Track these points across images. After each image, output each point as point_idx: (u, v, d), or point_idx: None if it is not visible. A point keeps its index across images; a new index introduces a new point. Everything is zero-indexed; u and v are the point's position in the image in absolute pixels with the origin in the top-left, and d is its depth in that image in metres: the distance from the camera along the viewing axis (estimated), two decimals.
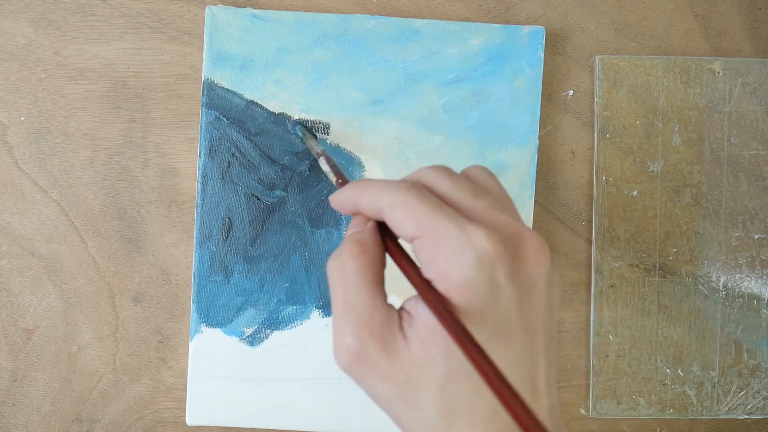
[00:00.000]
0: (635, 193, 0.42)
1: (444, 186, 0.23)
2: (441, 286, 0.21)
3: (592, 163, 0.42)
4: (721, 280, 0.42)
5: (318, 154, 0.35)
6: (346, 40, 0.40)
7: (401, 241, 0.24)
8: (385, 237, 0.24)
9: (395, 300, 0.41)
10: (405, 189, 0.22)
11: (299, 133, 0.39)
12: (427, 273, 0.22)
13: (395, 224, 0.22)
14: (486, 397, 0.21)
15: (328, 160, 0.33)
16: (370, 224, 0.24)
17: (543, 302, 0.22)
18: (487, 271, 0.21)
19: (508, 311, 0.21)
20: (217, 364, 0.40)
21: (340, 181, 0.31)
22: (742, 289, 0.42)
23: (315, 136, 0.39)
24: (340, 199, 0.25)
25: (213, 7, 0.39)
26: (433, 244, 0.21)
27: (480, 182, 0.25)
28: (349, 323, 0.22)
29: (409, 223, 0.22)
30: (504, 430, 0.21)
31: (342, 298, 0.22)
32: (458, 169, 0.40)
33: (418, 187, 0.23)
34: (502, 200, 0.24)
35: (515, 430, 0.21)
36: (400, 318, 0.22)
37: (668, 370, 0.42)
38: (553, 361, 0.23)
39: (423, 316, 0.21)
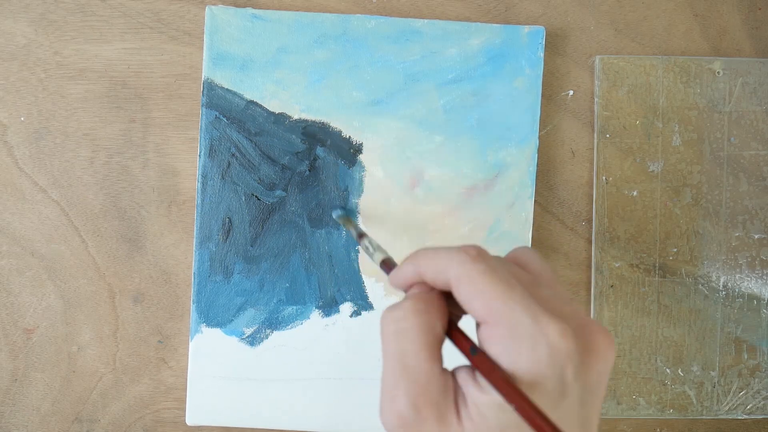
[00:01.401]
0: (635, 193, 0.42)
1: (512, 270, 0.22)
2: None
3: (592, 163, 0.42)
4: (721, 280, 0.42)
5: (360, 236, 0.34)
6: (346, 40, 0.40)
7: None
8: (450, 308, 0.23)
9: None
10: (471, 261, 0.21)
11: (339, 220, 0.39)
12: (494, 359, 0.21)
13: (463, 300, 0.21)
14: None
15: (371, 242, 0.32)
16: (436, 291, 0.23)
17: (602, 396, 0.22)
18: (558, 369, 0.20)
19: (570, 409, 0.20)
20: (217, 364, 0.40)
21: (384, 260, 0.29)
22: (742, 289, 0.42)
23: (354, 221, 0.39)
24: (402, 276, 0.24)
25: (213, 7, 0.39)
26: (504, 335, 0.20)
27: (530, 267, 0.24)
28: (403, 386, 0.21)
29: (478, 303, 0.21)
30: None
31: (397, 356, 0.21)
32: (458, 169, 0.40)
33: (485, 258, 0.21)
34: (555, 286, 0.23)
35: None
36: (455, 389, 0.21)
37: (668, 370, 0.42)
38: None
39: (477, 402, 0.20)
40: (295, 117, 0.40)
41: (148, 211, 0.41)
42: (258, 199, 0.40)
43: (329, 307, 0.40)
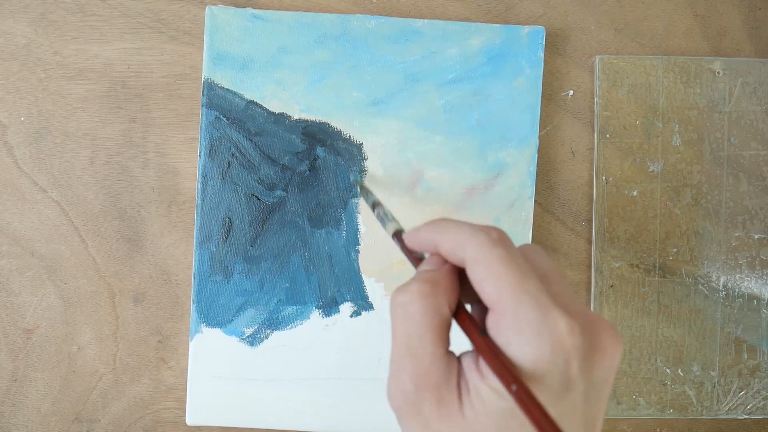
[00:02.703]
0: (635, 193, 0.42)
1: (525, 257, 0.22)
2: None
3: (592, 163, 0.42)
4: (721, 280, 0.42)
5: (375, 204, 0.34)
6: (346, 40, 0.40)
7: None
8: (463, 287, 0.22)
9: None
10: (491, 244, 0.21)
11: (357, 187, 0.39)
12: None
13: (476, 281, 0.21)
14: None
15: (386, 211, 0.32)
16: (448, 266, 0.23)
17: (607, 394, 0.22)
18: (562, 365, 0.20)
19: (573, 405, 0.20)
20: (217, 364, 0.40)
21: (396, 232, 0.29)
22: (742, 289, 0.42)
23: (369, 190, 0.39)
24: (418, 239, 0.24)
25: (213, 7, 0.39)
26: (512, 326, 0.20)
27: (537, 263, 0.23)
28: (408, 367, 0.21)
29: (491, 288, 0.20)
30: None
31: (403, 338, 0.21)
32: (458, 169, 0.40)
33: (505, 243, 0.21)
34: (563, 283, 0.23)
35: None
36: (458, 374, 0.21)
37: (668, 370, 0.42)
38: None
39: (478, 387, 0.20)
40: (295, 117, 0.40)
41: (148, 211, 0.41)
42: (258, 199, 0.40)
43: (329, 307, 0.40)
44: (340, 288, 0.40)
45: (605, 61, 0.42)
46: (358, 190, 0.40)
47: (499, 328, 0.21)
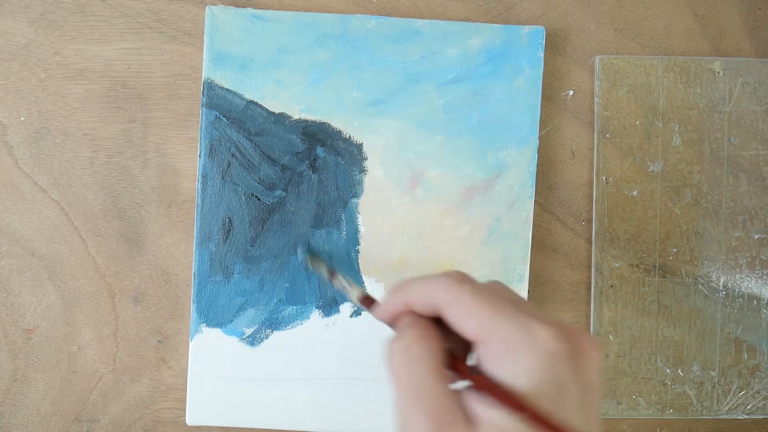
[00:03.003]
0: (635, 193, 0.42)
1: (489, 286, 0.23)
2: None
3: (592, 163, 0.42)
4: (721, 280, 0.42)
5: (331, 275, 0.35)
6: (346, 40, 0.40)
7: None
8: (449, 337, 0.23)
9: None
10: (457, 284, 0.22)
11: (305, 260, 0.39)
12: (495, 375, 0.21)
13: (454, 322, 0.22)
14: None
15: (346, 279, 0.33)
16: (425, 318, 0.24)
17: (599, 398, 0.22)
18: (554, 373, 0.21)
19: (572, 409, 0.21)
20: (217, 364, 0.40)
21: (364, 297, 0.30)
22: (742, 289, 0.42)
23: (321, 259, 0.39)
24: (390, 308, 0.25)
25: (213, 7, 0.39)
26: (500, 350, 0.21)
27: (502, 291, 0.24)
28: (421, 410, 0.21)
29: (470, 323, 0.21)
30: None
31: (411, 380, 0.22)
32: (458, 169, 0.40)
33: (469, 280, 0.22)
34: (530, 305, 0.24)
35: None
36: (463, 407, 0.22)
37: (668, 370, 0.42)
38: None
39: (489, 414, 0.21)
40: (295, 117, 0.40)
41: (148, 211, 0.41)
42: (258, 199, 0.40)
43: (329, 307, 0.40)
44: None
45: (605, 61, 0.42)
46: (309, 265, 0.39)
47: (488, 355, 0.21)
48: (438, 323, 0.24)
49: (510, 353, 0.21)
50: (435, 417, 0.21)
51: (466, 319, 0.22)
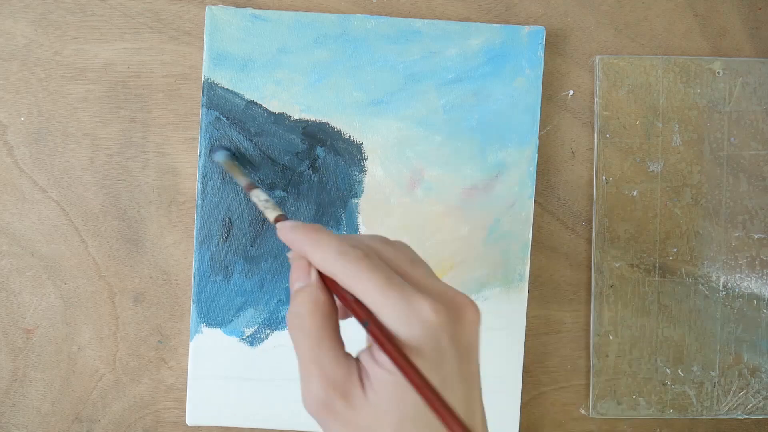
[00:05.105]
0: (635, 193, 0.42)
1: (388, 254, 0.26)
2: None
3: (592, 163, 0.42)
4: (721, 280, 0.42)
5: (248, 186, 0.34)
6: (346, 40, 0.40)
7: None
8: (339, 289, 0.26)
9: None
10: (356, 259, 0.24)
11: (221, 164, 0.38)
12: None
13: (351, 290, 0.25)
14: None
15: (264, 194, 0.33)
16: (316, 279, 0.26)
17: (477, 358, 0.26)
18: (433, 340, 0.24)
19: (451, 368, 0.24)
20: (217, 364, 0.40)
21: (279, 215, 0.31)
22: (742, 289, 0.42)
23: (242, 168, 0.38)
24: (290, 239, 0.27)
25: (213, 7, 0.39)
26: (388, 322, 0.24)
27: (404, 255, 0.27)
28: (314, 374, 0.24)
29: (364, 296, 0.24)
30: None
31: (307, 352, 0.25)
32: (458, 169, 0.40)
33: (370, 255, 0.25)
34: (425, 267, 0.27)
35: None
36: (359, 369, 0.25)
37: (668, 370, 0.42)
38: (483, 407, 0.26)
39: (377, 372, 0.24)
40: (295, 117, 0.40)
41: (148, 211, 0.41)
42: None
43: None
44: None
45: (605, 61, 0.42)
46: (226, 170, 0.38)
47: (379, 324, 0.24)
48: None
49: (396, 322, 0.24)
50: (326, 381, 0.24)
51: (361, 293, 0.24)
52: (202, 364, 0.40)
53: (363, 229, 0.40)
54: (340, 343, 0.26)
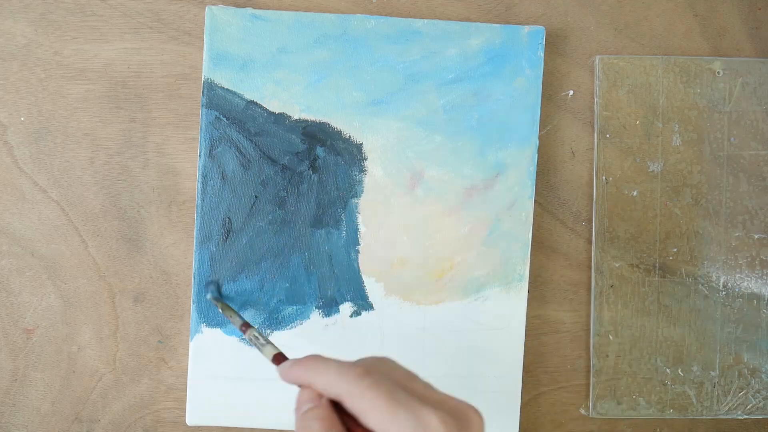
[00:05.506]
0: (635, 193, 0.42)
1: (385, 368, 0.27)
2: None
3: (592, 163, 0.42)
4: (721, 280, 0.42)
5: (243, 327, 0.35)
6: (346, 40, 0.40)
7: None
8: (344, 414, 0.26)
9: None
10: (358, 377, 0.25)
11: (215, 304, 0.39)
12: None
13: (356, 411, 0.25)
14: None
15: (259, 333, 0.34)
16: (326, 402, 0.26)
17: None
18: None
19: None
20: (217, 364, 0.40)
21: (277, 353, 0.33)
22: (742, 289, 0.42)
23: (232, 308, 0.39)
24: (294, 375, 0.28)
25: (213, 7, 0.39)
26: None
27: (397, 370, 0.28)
28: None
29: (370, 414, 0.24)
30: None
31: None
32: (458, 169, 0.40)
33: (370, 372, 0.25)
34: (419, 379, 0.27)
35: None
36: None
37: (668, 370, 0.42)
38: None
39: None
40: (295, 117, 0.40)
41: (148, 211, 0.41)
42: (258, 199, 0.40)
43: (329, 307, 0.40)
44: (340, 288, 0.40)
45: (605, 61, 0.42)
46: (219, 310, 0.39)
47: None
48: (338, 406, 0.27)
49: None
50: None
51: (367, 412, 0.25)
52: (202, 364, 0.40)
53: (363, 229, 0.40)
54: None
